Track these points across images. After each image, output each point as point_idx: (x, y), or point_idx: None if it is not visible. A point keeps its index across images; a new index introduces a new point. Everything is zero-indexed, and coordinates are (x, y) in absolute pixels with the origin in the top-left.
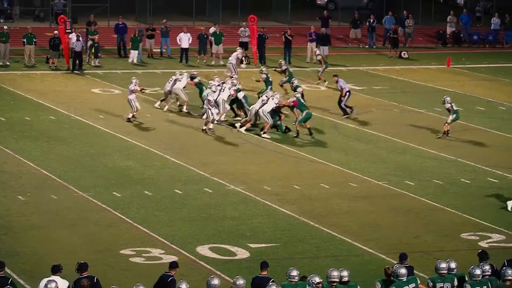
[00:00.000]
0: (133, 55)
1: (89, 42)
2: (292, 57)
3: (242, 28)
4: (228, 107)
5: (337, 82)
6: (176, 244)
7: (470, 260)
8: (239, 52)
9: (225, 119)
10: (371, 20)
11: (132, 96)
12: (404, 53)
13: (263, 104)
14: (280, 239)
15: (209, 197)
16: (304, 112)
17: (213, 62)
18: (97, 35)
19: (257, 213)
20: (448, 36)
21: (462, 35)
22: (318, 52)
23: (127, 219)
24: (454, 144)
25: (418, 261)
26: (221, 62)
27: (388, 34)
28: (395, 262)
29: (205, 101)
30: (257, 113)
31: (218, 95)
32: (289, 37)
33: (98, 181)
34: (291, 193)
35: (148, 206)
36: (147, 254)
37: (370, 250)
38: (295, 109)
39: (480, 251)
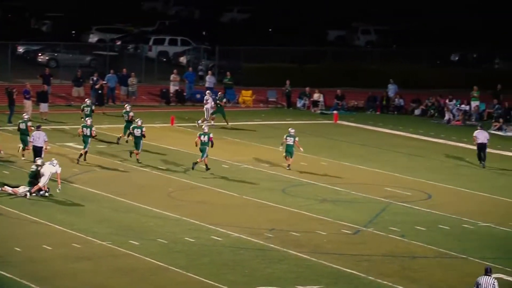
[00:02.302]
0: None
1: None
2: (13, 115)
3: None
4: None
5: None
6: None
7: None
8: None
9: None
10: (94, 78)
11: None
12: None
13: None
14: None
15: None
16: None
17: None
18: None
19: None
20: (171, 95)
21: (185, 94)
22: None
23: None
24: (178, 203)
25: None
26: None
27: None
28: None
29: None
30: None
31: None
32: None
33: None
34: (12, 255)
35: None
36: None
37: None
38: None
39: None
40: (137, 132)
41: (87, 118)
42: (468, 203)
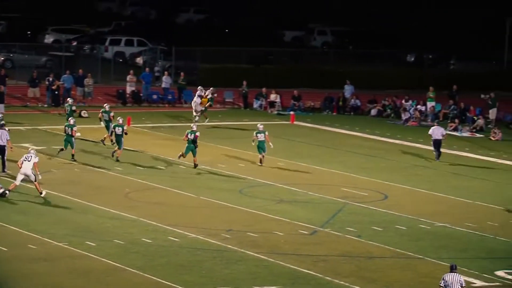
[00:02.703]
0: None
1: None
2: None
3: None
4: None
5: None
6: None
7: None
8: None
9: None
10: (50, 79)
11: None
12: (84, 112)
13: None
14: None
15: None
16: None
17: None
18: None
19: None
20: (128, 96)
21: (142, 94)
22: None
23: None
24: (135, 204)
25: None
26: None
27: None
28: None
29: None
30: None
31: None
32: None
33: None
34: None
35: None
36: None
37: None
38: None
39: None
40: (119, 130)
41: (70, 118)
42: (424, 203)
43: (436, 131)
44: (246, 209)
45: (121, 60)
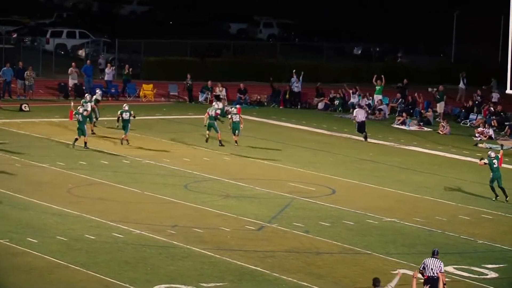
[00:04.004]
0: None
1: None
2: None
3: None
4: None
5: None
6: None
7: None
8: None
9: None
10: None
11: None
12: (25, 106)
13: None
14: None
15: None
16: None
17: None
18: None
19: None
20: (70, 89)
21: (84, 88)
22: None
23: None
24: (78, 199)
25: None
26: None
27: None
28: None
29: None
30: None
31: None
32: None
33: None
34: None
35: None
36: None
37: None
38: None
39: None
40: (126, 115)
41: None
42: (371, 198)
43: (360, 113)
44: (192, 204)
45: (62, 52)
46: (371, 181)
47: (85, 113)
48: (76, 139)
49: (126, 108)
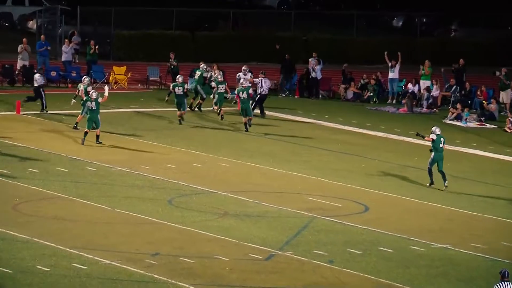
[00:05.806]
0: None
1: None
2: None
3: None
4: None
5: None
6: None
7: None
8: None
9: None
10: None
11: None
12: None
13: None
14: None
15: None
16: None
17: None
18: None
19: None
20: (17, 72)
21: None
22: None
23: None
24: (27, 219)
25: None
26: None
27: None
28: None
29: None
30: None
31: None
32: None
33: None
34: None
35: None
36: None
37: None
38: None
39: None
40: (179, 90)
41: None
42: (415, 217)
43: (264, 83)
44: (178, 225)
45: (7, 24)
46: (415, 195)
47: (100, 99)
48: (86, 133)
49: (180, 80)
